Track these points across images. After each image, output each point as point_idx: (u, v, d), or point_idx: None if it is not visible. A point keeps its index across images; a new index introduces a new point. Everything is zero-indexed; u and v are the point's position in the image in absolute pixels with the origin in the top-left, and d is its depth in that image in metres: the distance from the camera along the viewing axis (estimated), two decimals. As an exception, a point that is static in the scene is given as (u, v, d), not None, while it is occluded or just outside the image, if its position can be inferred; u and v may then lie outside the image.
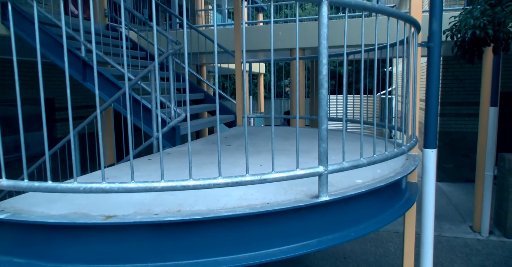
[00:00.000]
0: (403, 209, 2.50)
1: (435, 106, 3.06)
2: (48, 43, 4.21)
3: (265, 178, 1.75)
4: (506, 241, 5.47)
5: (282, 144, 3.65)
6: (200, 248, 1.74)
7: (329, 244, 1.95)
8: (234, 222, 1.76)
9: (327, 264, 4.90)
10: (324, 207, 1.93)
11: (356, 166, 2.01)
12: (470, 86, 8.28)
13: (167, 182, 1.64)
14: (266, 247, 1.83)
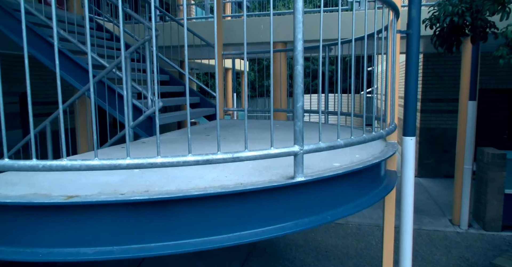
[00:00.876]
0: (382, 194, 2.47)
1: (413, 94, 3.05)
2: (20, 30, 4.04)
3: (237, 156, 1.68)
4: (485, 234, 5.53)
5: (261, 133, 3.59)
6: (169, 230, 1.65)
7: (306, 227, 1.89)
8: (205, 202, 1.68)
9: (308, 257, 4.86)
10: (300, 188, 1.87)
11: (333, 146, 1.95)
12: (449, 83, 8.39)
13: (133, 159, 1.55)
14: (240, 229, 1.75)
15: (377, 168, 2.50)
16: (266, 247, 5.17)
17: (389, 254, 3.28)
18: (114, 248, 1.62)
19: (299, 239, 5.42)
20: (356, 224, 5.99)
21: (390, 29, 2.79)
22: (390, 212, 3.12)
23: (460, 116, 5.72)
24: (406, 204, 3.08)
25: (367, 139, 2.20)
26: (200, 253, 5.02)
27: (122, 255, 1.59)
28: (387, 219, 3.16)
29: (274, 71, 6.52)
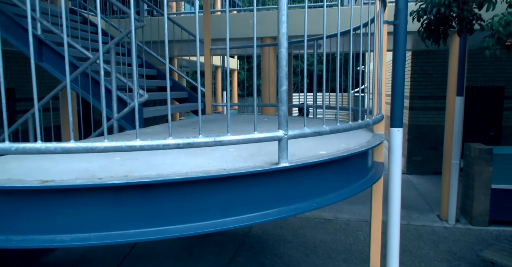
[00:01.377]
0: (369, 182, 2.45)
1: (400, 85, 3.04)
2: (3, 21, 3.95)
3: (220, 140, 1.63)
4: (472, 228, 5.57)
5: (248, 126, 3.55)
6: (149, 216, 1.60)
7: (290, 214, 1.86)
8: (187, 187, 1.63)
9: (297, 253, 4.83)
10: (285, 174, 1.84)
11: (318, 132, 1.92)
12: (437, 81, 8.45)
13: (111, 142, 1.50)
14: (223, 216, 1.71)
15: (363, 157, 2.47)
16: (255, 243, 5.13)
17: (376, 247, 3.26)
18: (92, 235, 1.56)
19: (288, 235, 5.39)
20: (345, 220, 5.99)
21: (376, 20, 2.78)
22: (377, 205, 3.10)
23: (448, 111, 5.75)
24: (393, 195, 3.07)
25: (353, 126, 2.17)
26: (189, 249, 4.96)
27: (99, 242, 1.54)
28: (375, 213, 3.14)
29: (263, 67, 6.50)
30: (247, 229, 5.63)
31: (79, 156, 2.15)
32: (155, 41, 6.36)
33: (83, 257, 4.74)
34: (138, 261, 4.62)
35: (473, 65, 8.35)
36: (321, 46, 7.43)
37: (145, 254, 4.84)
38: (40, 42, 3.85)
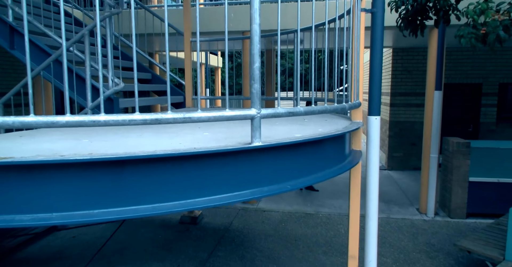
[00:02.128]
0: (346, 167, 2.43)
1: (378, 74, 3.04)
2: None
3: (189, 116, 1.59)
4: (450, 221, 5.65)
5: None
6: (115, 195, 1.54)
7: (263, 195, 1.82)
8: (154, 165, 1.58)
9: (278, 246, 4.80)
10: (258, 154, 1.80)
11: (292, 112, 1.89)
12: (418, 77, 8.57)
13: (73, 116, 1.43)
14: (193, 196, 1.66)
15: (340, 141, 2.46)
16: (235, 237, 5.08)
17: (355, 238, 3.26)
18: (53, 215, 1.49)
19: (269, 229, 5.37)
20: (326, 214, 6.00)
21: (354, 8, 2.77)
22: (356, 194, 3.09)
23: (427, 106, 5.82)
24: (371, 183, 3.06)
25: (328, 109, 2.16)
26: (167, 244, 4.88)
27: (61, 221, 1.47)
28: (353, 203, 3.14)
29: (244, 61, 6.46)
30: (228, 223, 5.58)
31: (46, 137, 2.07)
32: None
33: (59, 253, 4.61)
34: (114, 256, 4.52)
35: (452, 62, 8.51)
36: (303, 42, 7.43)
37: (121, 249, 4.73)
38: (12, 29, 3.73)
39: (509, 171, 5.51)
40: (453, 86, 8.57)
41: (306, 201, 6.64)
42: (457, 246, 3.85)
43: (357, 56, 2.81)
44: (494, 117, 8.54)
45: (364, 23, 3.01)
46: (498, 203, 5.47)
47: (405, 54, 8.61)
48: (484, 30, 2.87)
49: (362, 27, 2.91)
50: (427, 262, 4.37)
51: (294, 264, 4.35)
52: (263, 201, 6.65)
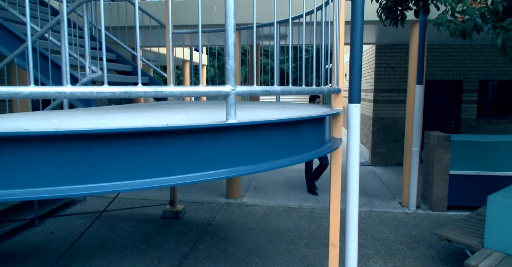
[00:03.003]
0: (325, 151, 2.42)
1: (358, 62, 3.04)
2: None
3: (161, 90, 1.54)
4: (432, 214, 5.71)
5: (205, 106, 3.47)
6: (83, 171, 1.49)
7: (239, 174, 1.79)
8: (125, 141, 1.53)
9: (260, 239, 4.77)
10: (233, 132, 1.76)
11: (268, 91, 1.87)
12: (400, 74, 8.66)
13: (38, 87, 1.37)
14: (166, 174, 1.62)
15: (320, 125, 2.44)
16: (218, 231, 5.03)
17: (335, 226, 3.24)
18: (17, 191, 1.43)
19: (252, 223, 5.33)
20: (310, 208, 5.99)
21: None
22: (336, 180, 3.08)
23: (408, 99, 5.88)
24: (351, 167, 3.06)
25: (306, 90, 2.14)
26: (148, 238, 4.79)
27: (25, 197, 1.41)
28: (334, 188, 3.13)
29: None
30: (211, 218, 5.53)
31: (13, 118, 2.00)
32: (115, 27, 6.15)
33: (35, 249, 4.48)
34: (93, 250, 4.42)
35: (434, 59, 8.63)
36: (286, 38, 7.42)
37: (101, 243, 4.63)
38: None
39: (488, 163, 5.60)
40: (435, 82, 8.69)
41: (289, 196, 6.63)
42: (437, 235, 3.89)
43: (337, 42, 2.80)
44: (475, 113, 8.70)
45: (344, 7, 3.00)
46: (478, 196, 5.55)
47: (388, 51, 8.69)
48: (461, 18, 2.91)
49: (342, 11, 2.90)
50: (408, 253, 4.40)
51: (277, 256, 4.32)
52: (246, 196, 6.62)
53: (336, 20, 2.77)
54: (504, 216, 3.26)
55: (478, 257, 3.20)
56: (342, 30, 2.78)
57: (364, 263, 4.15)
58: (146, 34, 7.19)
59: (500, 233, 3.30)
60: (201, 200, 6.37)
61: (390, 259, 4.26)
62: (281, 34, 6.97)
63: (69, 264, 4.11)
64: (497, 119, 8.72)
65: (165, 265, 4.10)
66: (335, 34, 2.73)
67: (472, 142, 5.65)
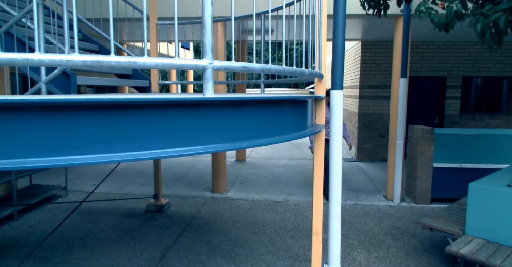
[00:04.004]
0: (306, 134, 2.40)
1: (340, 49, 3.03)
2: None
3: (135, 60, 1.50)
4: (415, 206, 5.76)
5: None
6: (53, 143, 1.43)
7: (216, 150, 1.76)
8: (99, 113, 1.48)
9: (245, 232, 4.74)
10: (211, 108, 1.73)
11: (247, 67, 1.84)
12: (386, 70, 8.73)
13: (5, 54, 1.32)
14: (140, 148, 1.58)
15: (301, 108, 2.43)
16: (202, 224, 4.99)
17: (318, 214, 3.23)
18: (-20, 162, 1.37)
19: (237, 216, 5.30)
20: (295, 201, 5.99)
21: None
22: (319, 165, 3.07)
23: (393, 93, 5.92)
24: (334, 153, 3.05)
25: (286, 70, 2.11)
26: (130, 231, 4.72)
27: (-11, 167, 1.35)
28: (316, 174, 3.12)
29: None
30: (195, 211, 5.48)
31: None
32: (97, 19, 6.05)
33: (13, 242, 4.37)
34: (74, 244, 4.33)
35: (418, 56, 8.73)
36: (273, 32, 7.42)
37: (82, 237, 4.54)
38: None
39: (471, 156, 5.67)
40: (419, 79, 8.79)
41: (275, 190, 6.61)
42: (420, 223, 3.91)
43: (319, 26, 2.79)
44: (458, 109, 8.82)
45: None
46: (461, 188, 5.62)
47: (374, 47, 8.76)
48: (442, 5, 2.93)
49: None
50: (392, 243, 4.43)
51: (261, 247, 4.30)
52: (232, 190, 6.58)
53: (318, 1, 2.76)
54: (485, 203, 3.30)
55: (459, 243, 3.23)
56: (324, 10, 2.77)
57: (348, 254, 4.16)
58: (130, 25, 7.10)
59: (481, 219, 3.33)
60: (186, 195, 6.31)
61: (374, 250, 4.27)
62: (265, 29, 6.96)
63: (48, 257, 4.02)
64: (479, 115, 8.86)
65: (147, 257, 4.04)
66: (317, 17, 2.72)
67: (455, 135, 5.71)
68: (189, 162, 9.06)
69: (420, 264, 3.93)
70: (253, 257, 4.06)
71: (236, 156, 9.29)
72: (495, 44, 2.78)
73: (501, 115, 8.88)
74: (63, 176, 7.06)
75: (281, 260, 3.99)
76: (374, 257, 4.09)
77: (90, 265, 3.84)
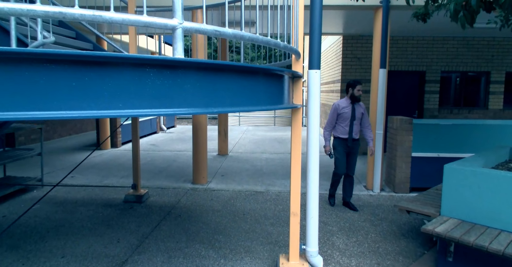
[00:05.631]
0: (282, 107, 2.39)
1: (318, 29, 3.04)
2: None
3: (100, 14, 1.46)
4: (395, 195, 5.82)
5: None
6: (14, 98, 1.38)
7: (185, 113, 1.72)
8: (64, 67, 1.43)
9: (225, 220, 4.70)
10: (182, 70, 1.70)
11: (219, 31, 1.81)
12: (366, 65, 8.82)
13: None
14: (108, 107, 1.53)
15: (277, 81, 2.41)
16: (182, 213, 4.93)
17: (296, 195, 3.23)
18: None
19: (218, 206, 5.25)
20: (276, 192, 5.98)
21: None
22: (297, 145, 3.06)
23: (372, 83, 5.98)
24: (311, 138, 3.05)
25: (260, 39, 2.10)
26: (108, 220, 4.62)
27: None
28: (294, 154, 3.11)
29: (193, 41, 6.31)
30: (175, 201, 5.41)
31: None
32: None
33: (-16, 233, 4.22)
34: (48, 232, 4.21)
35: (398, 51, 8.85)
36: (254, 24, 7.40)
37: (57, 226, 4.43)
38: None
39: (448, 145, 5.77)
40: (399, 73, 8.91)
41: (257, 181, 6.59)
42: (397, 206, 3.95)
43: (296, 5, 2.79)
44: (437, 103, 8.98)
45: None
46: (439, 177, 5.67)
47: (355, 42, 8.84)
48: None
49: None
50: (371, 229, 4.46)
51: (241, 234, 4.27)
52: (213, 182, 6.53)
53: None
54: (459, 183, 3.35)
55: (435, 223, 3.27)
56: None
57: (327, 239, 4.16)
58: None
59: (456, 200, 3.38)
60: (166, 186, 6.23)
61: (353, 235, 4.29)
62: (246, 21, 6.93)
63: (20, 245, 3.90)
64: (457, 109, 9.05)
65: (124, 244, 3.96)
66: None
67: (433, 125, 5.81)
68: (170, 156, 8.96)
69: (398, 248, 3.96)
70: (232, 243, 4.03)
71: (219, 150, 9.24)
72: (467, 24, 2.83)
73: (478, 109, 9.08)
74: (39, 168, 6.88)
75: (261, 246, 3.97)
76: (353, 241, 4.11)
77: (64, 253, 3.74)
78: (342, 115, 5.05)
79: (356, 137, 5.11)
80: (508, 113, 9.09)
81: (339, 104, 5.10)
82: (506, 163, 4.18)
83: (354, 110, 5.03)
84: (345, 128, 5.05)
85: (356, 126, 5.08)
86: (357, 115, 5.06)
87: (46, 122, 10.81)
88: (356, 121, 5.06)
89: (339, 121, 5.09)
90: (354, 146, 5.12)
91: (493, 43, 8.84)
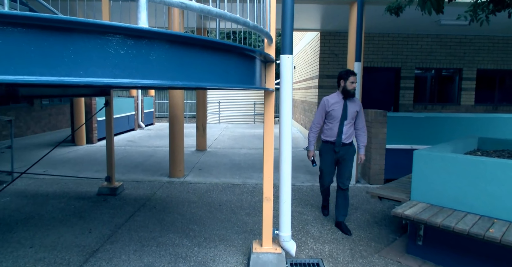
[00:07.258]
0: (253, 87, 2.39)
1: (290, 14, 3.06)
2: None
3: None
4: (369, 187, 5.91)
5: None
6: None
7: (148, 83, 1.70)
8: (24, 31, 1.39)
9: (200, 210, 4.68)
10: (147, 40, 1.67)
11: (185, 4, 1.80)
12: (343, 60, 8.95)
13: None
14: (69, 74, 1.50)
15: (249, 62, 2.42)
16: (157, 205, 4.87)
17: (269, 180, 3.24)
18: None
19: (194, 197, 5.22)
20: (253, 184, 5.99)
21: None
22: (269, 129, 3.07)
23: (348, 77, 6.05)
24: (284, 125, 3.06)
25: (228, 15, 2.09)
26: (80, 212, 4.53)
27: None
28: (267, 138, 3.12)
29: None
30: (151, 194, 5.34)
31: None
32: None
33: (-51, 226, 4.07)
34: (17, 224, 4.09)
35: (374, 47, 9.01)
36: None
37: (26, 218, 4.31)
38: None
39: (421, 138, 5.91)
40: (375, 70, 9.07)
41: (234, 175, 6.58)
42: (370, 192, 4.02)
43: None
44: (412, 99, 9.18)
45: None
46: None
47: (332, 38, 8.95)
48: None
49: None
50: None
51: (216, 224, 4.25)
52: (190, 175, 6.49)
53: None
54: (428, 168, 3.43)
55: (404, 206, 3.34)
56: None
57: (302, 227, 4.19)
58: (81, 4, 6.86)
59: (425, 185, 3.46)
60: (142, 180, 6.15)
61: (327, 223, 4.34)
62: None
63: (-13, 236, 3.77)
64: (431, 105, 9.28)
65: (96, 235, 3.88)
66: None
67: (406, 118, 5.94)
68: (148, 151, 8.85)
69: (370, 234, 4.03)
70: (207, 232, 4.01)
71: (197, 146, 9.18)
72: (434, 10, 2.90)
73: (451, 105, 9.34)
74: (10, 163, 6.68)
75: (236, 234, 3.96)
76: (327, 229, 4.16)
77: (33, 243, 3.64)
78: (331, 113, 4.04)
79: (348, 141, 4.11)
80: (480, 109, 9.38)
81: (328, 99, 4.11)
82: (474, 151, 4.31)
83: (346, 107, 4.02)
84: (333, 130, 4.08)
85: (347, 127, 4.06)
86: (350, 114, 4.04)
87: (18, 117, 10.50)
88: (347, 121, 4.05)
89: (328, 121, 4.11)
90: (345, 151, 4.12)
91: (465, 41, 9.11)
